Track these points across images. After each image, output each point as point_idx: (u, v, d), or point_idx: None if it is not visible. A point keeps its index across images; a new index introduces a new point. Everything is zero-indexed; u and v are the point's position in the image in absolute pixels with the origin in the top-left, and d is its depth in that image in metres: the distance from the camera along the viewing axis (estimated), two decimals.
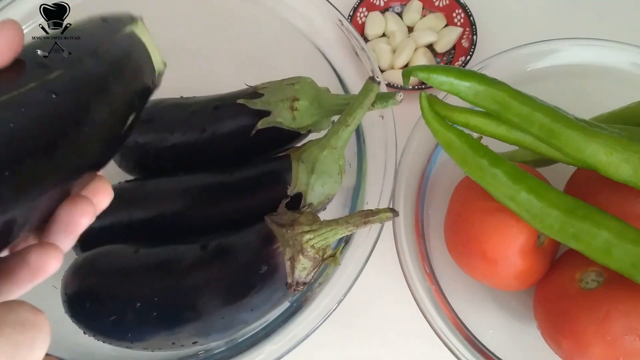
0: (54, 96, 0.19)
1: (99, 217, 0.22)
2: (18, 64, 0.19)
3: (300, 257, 0.31)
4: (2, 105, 0.18)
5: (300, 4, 0.42)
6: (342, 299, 0.34)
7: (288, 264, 0.31)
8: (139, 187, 0.41)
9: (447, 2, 0.57)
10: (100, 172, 0.24)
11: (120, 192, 0.40)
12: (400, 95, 0.34)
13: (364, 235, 0.36)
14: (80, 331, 0.35)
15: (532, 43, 0.43)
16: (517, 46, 0.43)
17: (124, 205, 0.39)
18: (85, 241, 0.40)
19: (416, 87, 0.53)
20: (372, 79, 0.33)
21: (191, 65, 0.44)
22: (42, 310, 0.18)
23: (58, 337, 0.35)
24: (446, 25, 0.57)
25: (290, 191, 0.36)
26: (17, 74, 0.19)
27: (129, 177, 0.44)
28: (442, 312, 0.37)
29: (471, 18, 0.55)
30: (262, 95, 0.38)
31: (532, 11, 0.58)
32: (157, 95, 0.39)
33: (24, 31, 0.20)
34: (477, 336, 0.36)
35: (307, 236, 0.31)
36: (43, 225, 0.21)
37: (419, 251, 0.38)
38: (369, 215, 0.31)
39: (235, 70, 0.46)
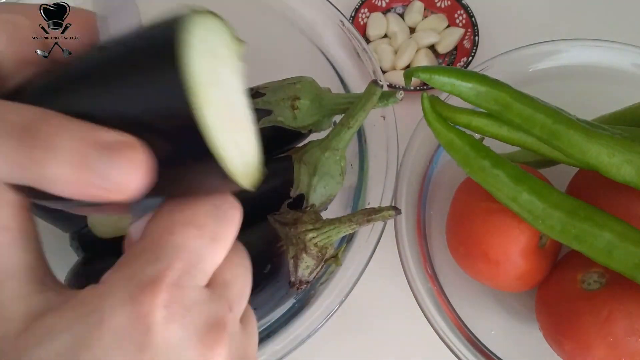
0: None
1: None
2: None
3: (304, 255, 0.31)
4: None
5: (302, 4, 0.42)
6: (344, 300, 0.34)
7: (291, 262, 0.31)
8: None
9: (449, 3, 0.57)
10: None
11: None
12: (400, 94, 0.34)
13: (366, 235, 0.36)
14: None
15: (534, 44, 0.43)
16: (519, 47, 0.43)
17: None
18: (87, 242, 0.40)
19: (418, 88, 0.53)
20: (375, 82, 0.33)
21: None
22: None
23: None
24: (448, 26, 0.57)
25: (293, 193, 0.35)
26: None
27: None
28: (444, 313, 0.37)
29: (473, 19, 0.55)
30: (263, 94, 0.38)
31: (534, 12, 0.58)
32: None
33: None
34: (478, 337, 0.36)
35: (311, 234, 0.31)
36: None
37: (420, 252, 0.38)
38: (371, 214, 0.31)
39: None
